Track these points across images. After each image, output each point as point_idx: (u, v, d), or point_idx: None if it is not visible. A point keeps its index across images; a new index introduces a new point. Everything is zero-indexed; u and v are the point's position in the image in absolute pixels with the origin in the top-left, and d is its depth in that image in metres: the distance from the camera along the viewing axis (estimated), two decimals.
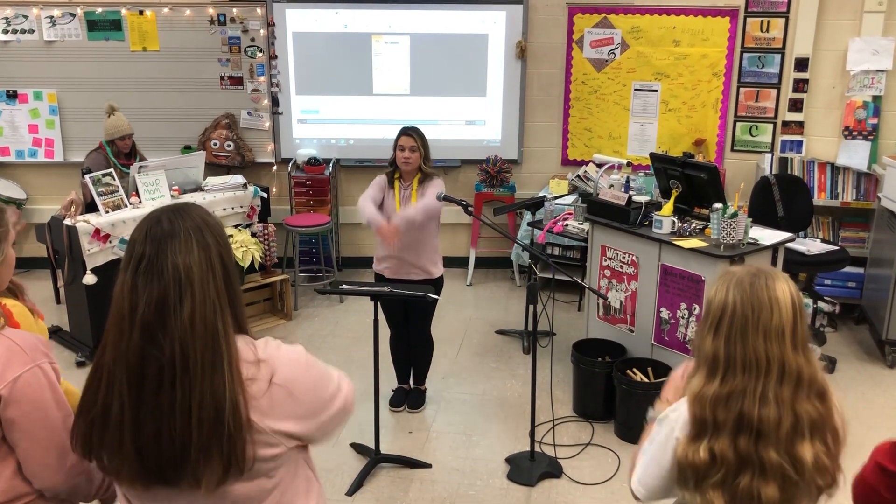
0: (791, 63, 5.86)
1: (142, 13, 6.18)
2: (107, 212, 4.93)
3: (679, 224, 4.23)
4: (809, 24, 5.73)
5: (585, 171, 5.99)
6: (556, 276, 5.59)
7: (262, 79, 6.34)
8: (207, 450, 1.43)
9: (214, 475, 1.46)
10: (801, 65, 5.82)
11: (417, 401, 4.48)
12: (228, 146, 6.31)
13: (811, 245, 5.02)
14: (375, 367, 3.84)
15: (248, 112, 6.41)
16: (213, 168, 6.17)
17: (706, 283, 4.00)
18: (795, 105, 5.90)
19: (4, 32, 6.21)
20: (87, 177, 4.95)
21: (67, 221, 4.80)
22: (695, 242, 4.07)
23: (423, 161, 4.17)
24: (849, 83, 5.71)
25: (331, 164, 6.36)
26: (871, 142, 5.64)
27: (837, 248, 5.09)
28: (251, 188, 5.61)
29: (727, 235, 3.95)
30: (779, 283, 1.71)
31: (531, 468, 3.83)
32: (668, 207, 4.28)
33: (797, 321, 1.70)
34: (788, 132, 5.96)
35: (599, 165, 5.40)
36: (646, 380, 4.16)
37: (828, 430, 1.72)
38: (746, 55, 5.97)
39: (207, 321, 1.44)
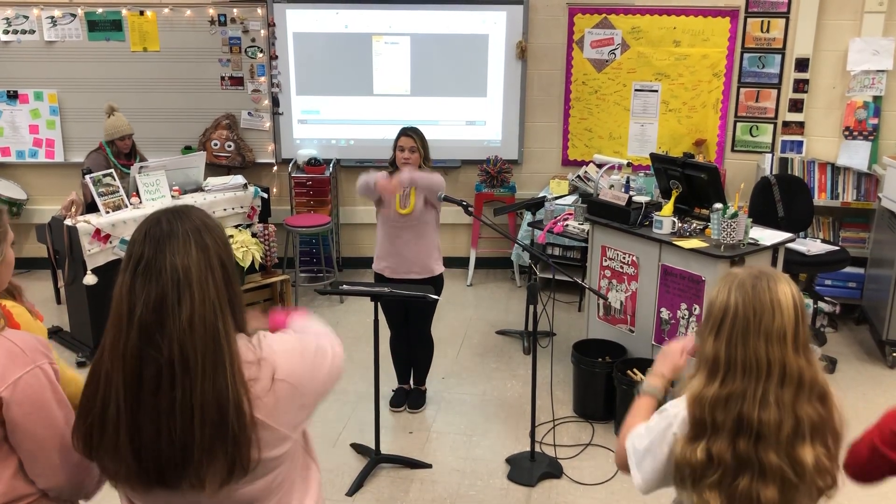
0: (791, 63, 5.86)
1: (142, 13, 6.18)
2: (107, 212, 4.93)
3: (679, 224, 4.23)
4: (810, 25, 5.73)
5: (586, 172, 5.99)
6: (557, 277, 5.59)
7: (263, 79, 6.34)
8: (211, 450, 1.43)
9: (218, 476, 1.46)
10: (802, 65, 5.82)
11: (418, 401, 4.48)
12: (229, 146, 6.31)
13: (811, 245, 5.02)
14: (376, 368, 3.84)
15: (249, 112, 6.41)
16: (214, 168, 6.17)
17: (706, 284, 4.00)
18: (796, 105, 5.91)
19: (5, 33, 6.22)
20: (88, 177, 4.95)
21: (68, 222, 4.80)
22: (695, 243, 4.07)
23: (423, 161, 4.17)
24: (849, 83, 5.71)
25: (331, 165, 6.36)
26: (872, 142, 5.64)
27: (838, 249, 5.09)
28: (251, 188, 5.61)
29: (727, 236, 3.95)
30: (781, 286, 1.70)
31: (531, 468, 3.83)
32: (669, 208, 4.28)
33: (799, 324, 1.69)
34: (789, 132, 5.96)
35: (600, 166, 5.40)
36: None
37: (828, 432, 1.72)
38: (747, 55, 5.97)
39: (207, 322, 1.44)
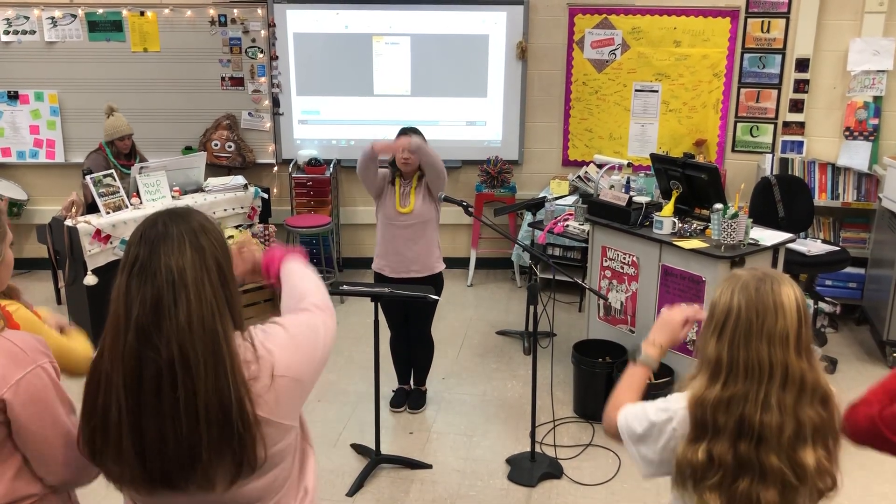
0: (792, 63, 5.85)
1: (143, 14, 6.18)
2: (108, 212, 4.93)
3: (679, 225, 4.23)
4: (810, 25, 5.73)
5: (586, 172, 5.98)
6: (557, 277, 5.58)
7: (263, 79, 6.34)
8: (219, 450, 1.44)
9: (228, 475, 1.47)
10: (802, 65, 5.82)
11: (418, 401, 4.48)
12: (229, 147, 6.31)
13: (812, 246, 5.02)
14: (376, 368, 3.84)
15: (249, 113, 6.41)
16: (214, 169, 6.17)
17: (707, 284, 4.00)
18: (796, 105, 5.90)
19: (6, 33, 6.22)
20: (89, 178, 4.95)
21: (68, 222, 4.81)
22: (695, 243, 4.06)
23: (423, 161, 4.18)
24: (849, 84, 5.71)
25: (331, 165, 6.36)
26: (872, 142, 5.64)
27: (838, 249, 5.09)
28: (252, 189, 5.62)
29: (728, 236, 3.95)
30: (784, 288, 1.70)
31: (532, 469, 3.83)
32: (669, 208, 4.28)
33: (801, 327, 1.69)
34: (789, 133, 5.96)
35: (600, 166, 5.40)
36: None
37: (829, 434, 1.72)
38: (747, 56, 5.97)
39: (206, 322, 1.44)
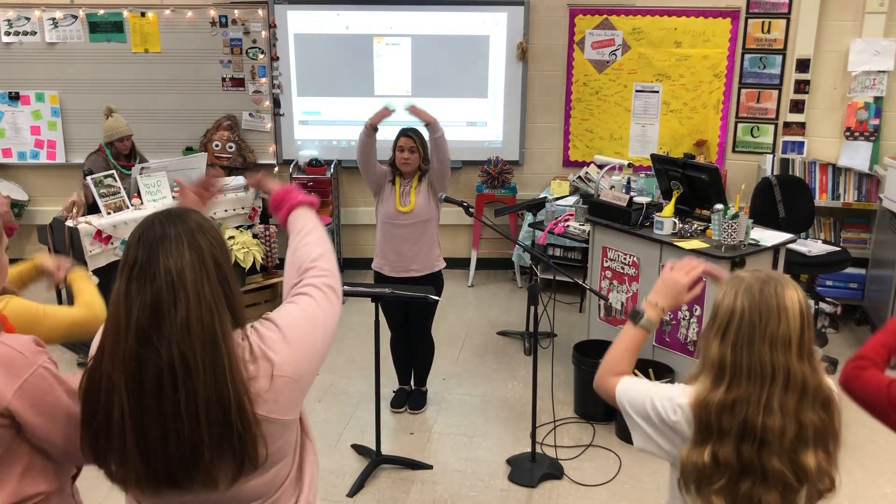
0: (792, 64, 5.85)
1: (143, 15, 6.19)
2: (108, 213, 4.93)
3: (680, 225, 4.23)
4: (811, 25, 5.73)
5: (587, 173, 5.99)
6: (558, 278, 5.58)
7: (264, 80, 6.35)
8: (220, 449, 1.44)
9: (230, 473, 1.47)
10: (803, 66, 5.82)
11: (419, 402, 4.48)
12: (230, 147, 6.31)
13: (812, 246, 5.02)
14: (376, 369, 3.85)
15: (250, 113, 6.42)
16: (215, 169, 6.17)
17: (707, 285, 3.99)
18: (797, 106, 5.90)
19: (7, 34, 6.22)
20: (89, 178, 4.96)
21: (69, 223, 4.81)
22: (696, 243, 4.06)
23: (423, 161, 4.19)
24: (850, 84, 5.70)
25: (332, 166, 6.36)
26: (873, 143, 5.64)
27: (839, 249, 5.09)
28: (252, 189, 5.62)
29: (728, 236, 3.95)
30: (788, 291, 1.70)
31: (532, 469, 3.83)
32: (669, 208, 4.28)
33: (804, 330, 1.69)
34: (790, 133, 5.96)
35: (601, 167, 5.40)
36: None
37: (830, 437, 1.72)
38: (748, 56, 5.97)
39: (204, 323, 1.44)
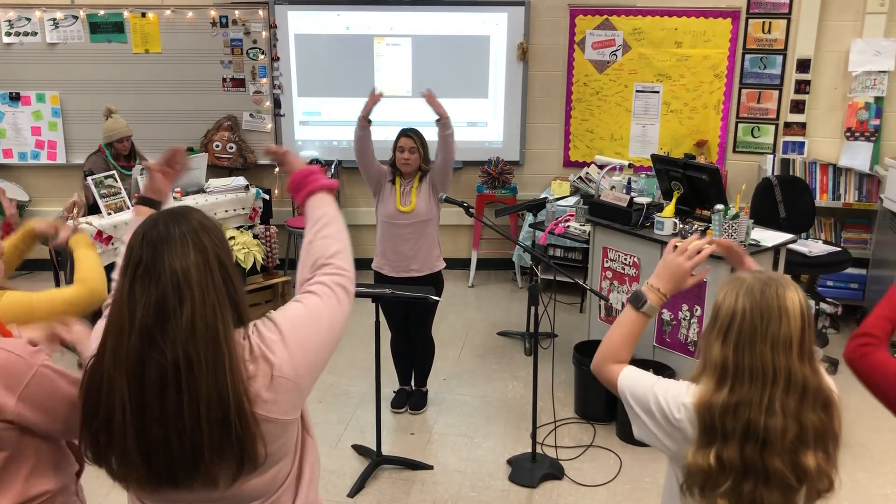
0: (793, 64, 5.85)
1: (144, 15, 6.19)
2: (109, 213, 4.94)
3: (681, 225, 4.23)
4: (811, 26, 5.72)
5: (587, 173, 5.99)
6: (558, 278, 5.58)
7: (264, 81, 6.35)
8: (220, 449, 1.44)
9: (230, 473, 1.48)
10: (803, 66, 5.82)
11: (419, 402, 4.48)
12: (230, 148, 6.31)
13: (813, 246, 5.02)
14: (377, 369, 3.85)
15: (251, 114, 6.42)
16: (216, 170, 6.17)
17: (707, 285, 3.99)
18: (797, 106, 5.90)
19: (7, 35, 6.23)
20: (90, 179, 4.96)
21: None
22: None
23: (423, 162, 4.19)
24: (851, 84, 5.70)
25: (333, 166, 6.36)
26: (874, 143, 5.63)
27: (839, 250, 5.09)
28: (253, 190, 5.62)
29: (729, 237, 3.95)
30: (789, 293, 1.70)
31: (533, 470, 3.83)
32: (670, 209, 4.28)
33: (805, 332, 1.69)
34: (790, 133, 5.96)
35: (601, 167, 5.40)
36: None
37: (829, 438, 1.72)
38: (748, 56, 5.97)
39: (208, 323, 1.44)
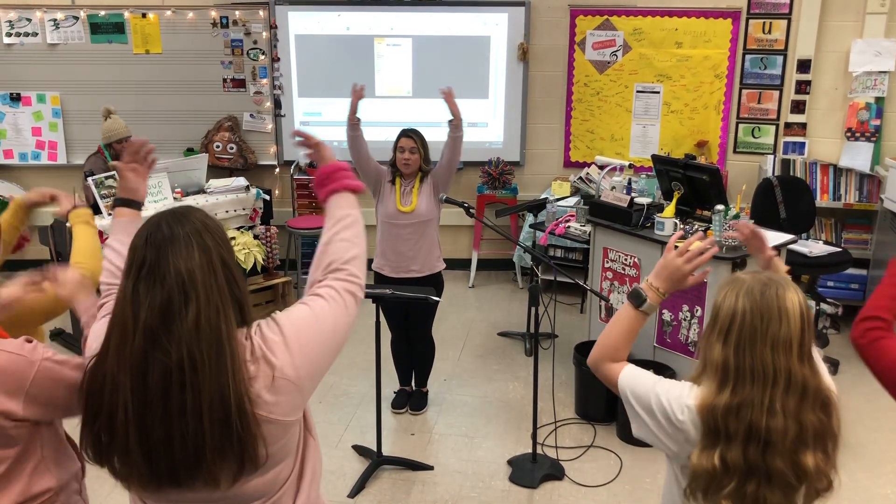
0: (793, 64, 5.85)
1: (144, 16, 6.19)
2: (109, 214, 4.94)
3: (681, 226, 4.23)
4: (812, 26, 5.72)
5: (587, 173, 5.99)
6: (558, 278, 5.58)
7: (265, 81, 6.35)
8: (221, 450, 1.45)
9: (231, 473, 1.48)
10: (804, 66, 5.81)
11: (419, 403, 4.48)
12: (231, 148, 6.31)
13: (814, 247, 5.02)
14: (377, 370, 3.85)
15: (251, 114, 6.42)
16: (216, 170, 6.17)
17: (708, 285, 3.99)
18: (798, 107, 5.90)
19: (8, 35, 6.23)
20: (90, 179, 4.97)
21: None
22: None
23: (423, 162, 4.19)
24: (851, 85, 5.70)
25: None
26: (874, 143, 5.63)
27: (840, 250, 5.09)
28: (253, 190, 5.62)
29: (729, 237, 3.95)
30: (789, 293, 1.70)
31: (533, 470, 3.83)
32: (670, 209, 4.28)
33: (805, 333, 1.70)
34: (791, 134, 5.95)
35: (601, 167, 5.40)
36: None
37: (829, 438, 1.73)
38: (749, 57, 5.97)
39: (212, 323, 1.45)
